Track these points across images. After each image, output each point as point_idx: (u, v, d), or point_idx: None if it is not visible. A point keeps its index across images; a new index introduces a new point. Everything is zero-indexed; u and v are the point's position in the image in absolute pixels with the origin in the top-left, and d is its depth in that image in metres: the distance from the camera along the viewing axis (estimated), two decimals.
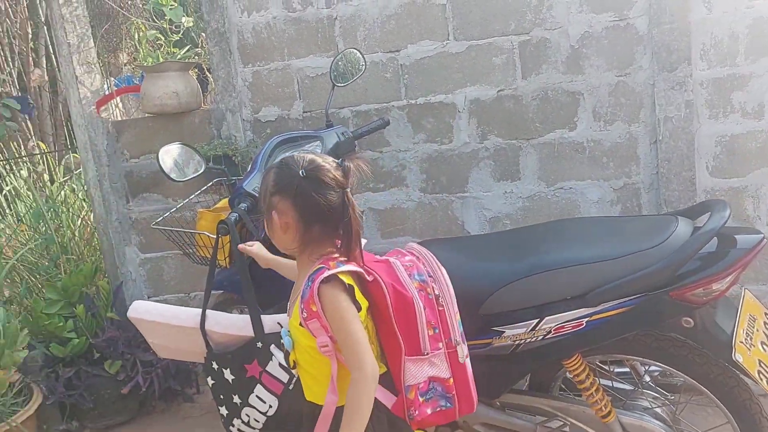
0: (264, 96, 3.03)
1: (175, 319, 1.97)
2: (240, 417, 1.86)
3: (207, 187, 2.76)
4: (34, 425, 2.65)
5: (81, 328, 2.80)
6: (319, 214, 1.45)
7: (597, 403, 1.84)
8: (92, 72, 3.15)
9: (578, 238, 1.92)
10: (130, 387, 2.82)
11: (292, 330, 1.51)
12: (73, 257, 3.16)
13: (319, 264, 1.45)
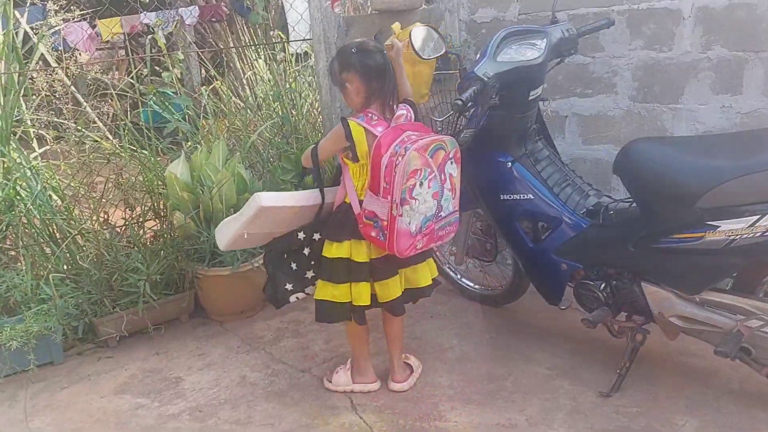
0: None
1: (298, 202, 2.27)
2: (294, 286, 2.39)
3: None
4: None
5: None
6: (373, 72, 2.13)
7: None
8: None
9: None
10: None
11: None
12: (301, 137, 3.61)
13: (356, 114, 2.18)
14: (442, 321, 2.93)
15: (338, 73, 2.18)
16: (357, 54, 2.14)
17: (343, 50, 2.22)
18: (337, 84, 2.22)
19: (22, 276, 2.84)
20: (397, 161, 2.01)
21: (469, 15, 3.18)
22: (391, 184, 2.03)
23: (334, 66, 2.20)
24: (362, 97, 2.16)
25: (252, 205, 2.18)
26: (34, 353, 2.63)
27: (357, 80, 2.14)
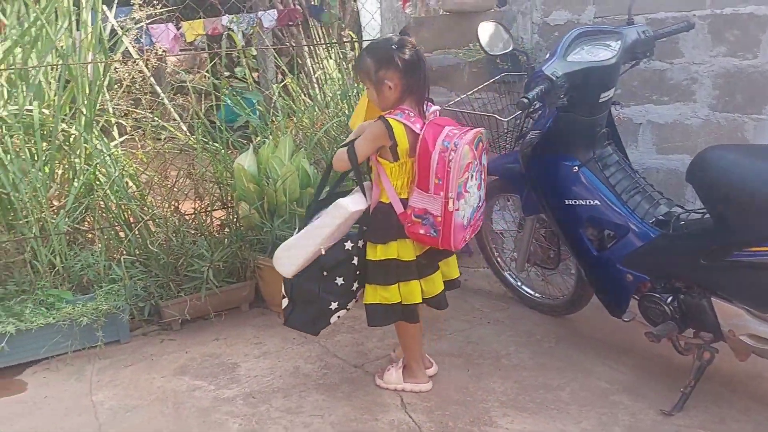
0: (556, 0, 3.07)
1: (358, 205, 2.21)
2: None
3: (490, 82, 2.96)
4: None
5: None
6: (410, 67, 2.09)
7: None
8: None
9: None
10: None
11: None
12: None
13: (394, 110, 2.13)
14: (500, 327, 2.88)
15: (375, 70, 2.11)
16: (396, 50, 2.09)
17: (379, 46, 2.17)
18: (370, 81, 2.13)
19: (96, 257, 2.98)
20: (450, 156, 2.02)
21: (542, 17, 3.13)
22: (444, 179, 2.04)
23: (367, 63, 2.12)
24: (398, 94, 2.12)
25: (339, 213, 2.12)
26: (102, 331, 2.75)
27: (396, 77, 2.09)
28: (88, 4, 3.27)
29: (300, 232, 2.20)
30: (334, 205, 2.16)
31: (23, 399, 2.47)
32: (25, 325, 2.62)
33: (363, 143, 2.14)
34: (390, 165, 2.15)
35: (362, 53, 2.20)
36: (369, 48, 2.21)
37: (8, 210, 3.00)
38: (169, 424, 2.25)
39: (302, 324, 2.28)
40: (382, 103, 2.16)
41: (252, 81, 3.59)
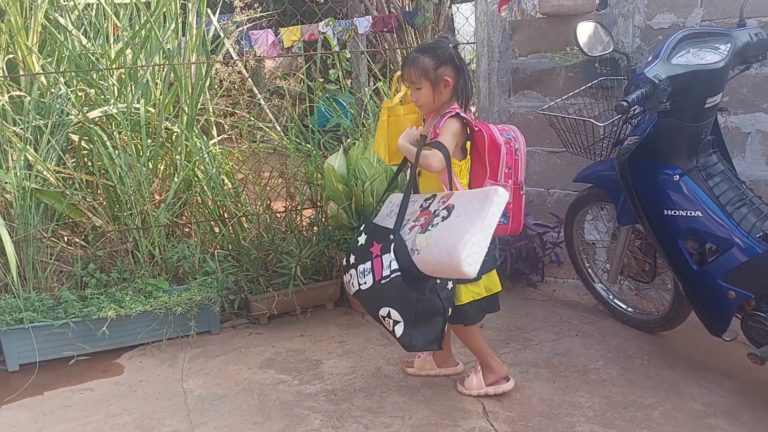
0: (660, 2, 2.94)
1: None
2: (348, 272, 2.27)
3: (588, 87, 2.87)
4: None
5: None
6: (463, 67, 2.17)
7: None
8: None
9: None
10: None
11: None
12: None
13: (448, 109, 2.16)
14: (588, 340, 2.78)
15: (434, 68, 2.14)
16: (454, 49, 2.17)
17: (437, 45, 2.19)
18: (427, 79, 2.14)
19: (192, 249, 3.11)
20: (516, 146, 2.18)
21: (645, 21, 3.00)
22: (514, 167, 2.18)
23: (426, 61, 2.14)
24: (450, 93, 2.17)
25: (501, 201, 1.95)
26: (195, 321, 2.87)
27: (452, 74, 2.15)
28: (193, 8, 3.43)
29: (476, 225, 1.93)
30: (495, 192, 1.95)
31: (120, 381, 2.61)
32: (125, 312, 2.77)
33: (450, 143, 2.11)
34: (459, 163, 2.18)
35: (415, 54, 2.19)
36: (423, 48, 2.22)
37: (114, 202, 3.19)
38: (253, 415, 2.31)
39: (428, 342, 2.13)
40: (436, 102, 2.18)
41: (345, 84, 3.64)
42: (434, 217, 2.06)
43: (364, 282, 2.17)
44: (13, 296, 2.75)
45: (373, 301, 2.17)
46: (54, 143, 3.02)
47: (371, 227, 2.25)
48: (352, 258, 2.26)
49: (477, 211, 1.95)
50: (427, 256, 2.01)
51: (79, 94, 3.29)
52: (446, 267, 1.97)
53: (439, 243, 1.98)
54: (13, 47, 3.10)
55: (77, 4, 3.38)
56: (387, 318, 2.13)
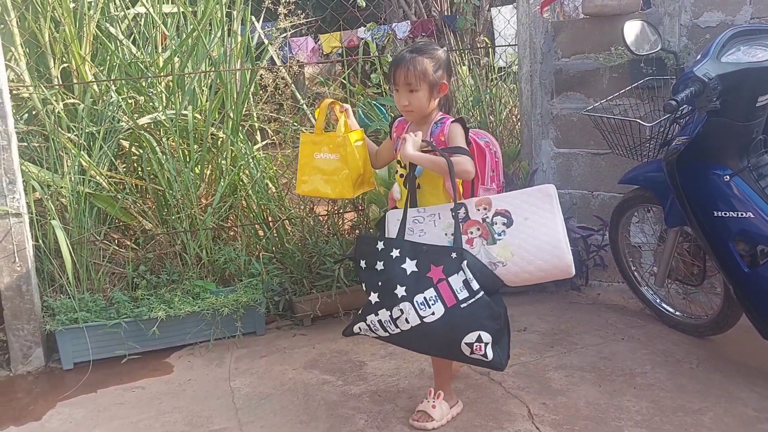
0: (708, 0, 2.89)
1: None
2: (391, 310, 1.98)
3: (633, 87, 2.83)
4: None
5: None
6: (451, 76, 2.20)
7: None
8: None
9: None
10: None
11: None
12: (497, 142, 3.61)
13: (440, 116, 2.11)
14: (635, 344, 2.74)
15: (433, 70, 2.04)
16: (447, 54, 2.11)
17: (433, 48, 2.10)
18: (426, 81, 2.03)
19: (237, 252, 3.17)
20: (494, 149, 2.16)
21: (692, 19, 2.95)
22: (496, 170, 2.16)
23: (425, 63, 2.03)
24: (439, 99, 2.10)
25: (555, 192, 1.98)
26: (241, 322, 2.93)
27: (446, 81, 2.09)
28: (238, 16, 3.51)
29: (559, 223, 1.95)
30: (550, 188, 1.98)
31: (170, 380, 2.68)
32: (174, 312, 2.84)
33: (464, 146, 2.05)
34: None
35: (411, 54, 2.06)
36: (419, 49, 2.09)
37: (163, 206, 3.28)
38: (299, 414, 2.35)
39: (508, 356, 2.06)
40: (429, 107, 2.09)
41: (386, 88, 3.67)
42: (491, 225, 1.98)
43: (431, 313, 1.94)
44: (68, 297, 2.85)
45: (453, 330, 1.94)
46: (106, 149, 3.12)
47: (414, 249, 2.01)
48: (399, 290, 1.97)
49: (547, 210, 1.96)
50: (522, 265, 1.93)
51: (129, 101, 3.39)
52: (552, 270, 1.95)
53: (530, 249, 1.93)
54: (68, 56, 3.22)
55: (127, 14, 3.49)
56: (477, 343, 1.93)
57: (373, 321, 2.05)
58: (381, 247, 2.05)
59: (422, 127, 2.11)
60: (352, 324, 2.15)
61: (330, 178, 2.19)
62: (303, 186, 2.27)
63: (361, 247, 2.12)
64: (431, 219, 2.03)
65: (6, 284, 2.73)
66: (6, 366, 2.80)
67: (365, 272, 2.08)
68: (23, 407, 2.51)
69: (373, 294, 2.04)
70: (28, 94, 3.00)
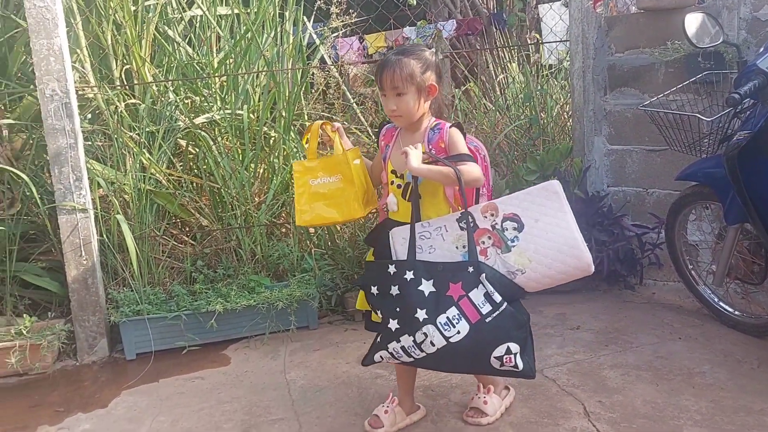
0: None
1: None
2: (414, 335, 1.87)
3: (691, 82, 2.78)
4: None
5: None
6: (442, 78, 2.06)
7: None
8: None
9: None
10: None
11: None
12: (548, 139, 3.59)
13: (435, 122, 2.03)
14: (692, 344, 2.69)
15: (420, 72, 1.95)
16: (436, 56, 2.02)
17: (420, 50, 2.00)
18: (413, 84, 1.94)
19: (290, 248, 3.23)
20: (483, 153, 2.11)
21: (752, 12, 2.88)
22: (486, 175, 2.10)
23: (411, 64, 1.94)
24: (429, 103, 2.01)
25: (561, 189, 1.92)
26: (294, 316, 2.98)
27: (435, 84, 1.99)
28: (291, 16, 3.57)
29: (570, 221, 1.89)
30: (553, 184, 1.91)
31: (227, 371, 2.75)
32: (231, 306, 2.91)
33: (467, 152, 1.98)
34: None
35: (396, 56, 1.97)
36: (404, 51, 2.00)
37: (218, 203, 3.36)
38: (354, 407, 2.38)
39: (533, 360, 1.98)
40: (419, 111, 1.99)
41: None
42: (502, 232, 1.90)
43: (456, 332, 1.86)
44: (131, 290, 2.95)
45: (481, 346, 1.87)
46: (165, 148, 3.22)
47: (429, 269, 1.91)
48: (420, 314, 1.87)
49: (556, 209, 1.89)
50: (541, 270, 1.88)
51: (186, 101, 3.49)
52: (572, 271, 1.89)
53: (547, 253, 1.87)
54: (129, 58, 3.33)
55: (184, 16, 3.59)
56: (506, 355, 1.87)
57: (395, 348, 1.94)
58: (393, 270, 1.93)
59: (414, 134, 2.03)
60: (372, 352, 2.03)
61: (334, 202, 2.10)
62: (304, 216, 2.15)
63: (370, 274, 2.02)
64: (438, 233, 1.93)
65: (73, 277, 2.85)
66: (73, 356, 2.92)
67: (378, 299, 1.97)
68: (90, 395, 2.61)
69: (392, 321, 1.92)
70: (93, 94, 3.12)
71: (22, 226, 3.03)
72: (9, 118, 3.13)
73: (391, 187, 2.06)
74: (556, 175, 3.26)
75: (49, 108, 2.76)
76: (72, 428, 2.37)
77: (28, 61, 3.29)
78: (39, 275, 3.06)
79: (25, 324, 2.80)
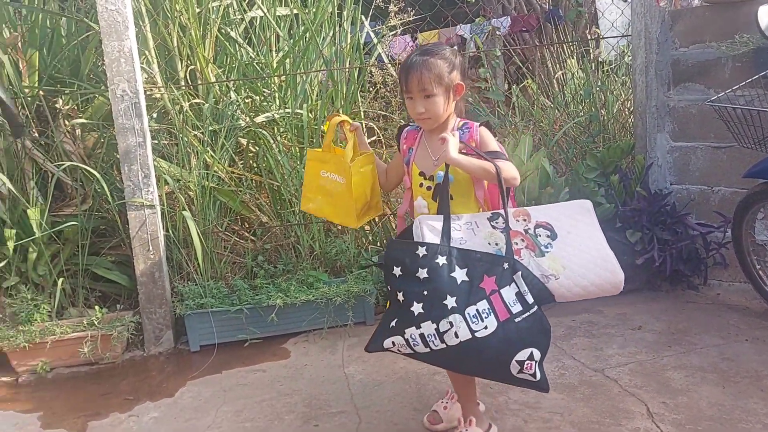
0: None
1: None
2: (438, 322, 1.74)
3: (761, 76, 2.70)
4: None
5: (612, 195, 3.17)
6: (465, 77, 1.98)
7: None
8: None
9: None
10: (644, 259, 3.08)
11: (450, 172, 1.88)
12: (608, 136, 3.53)
13: (462, 121, 1.98)
14: (761, 346, 2.61)
15: (448, 72, 1.89)
16: (458, 54, 1.96)
17: (443, 48, 1.95)
18: (441, 85, 1.88)
19: (347, 245, 3.27)
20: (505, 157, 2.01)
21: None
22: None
23: (439, 65, 1.88)
24: (453, 104, 1.94)
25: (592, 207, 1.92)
26: (352, 311, 3.03)
27: (460, 84, 1.93)
28: (349, 16, 3.61)
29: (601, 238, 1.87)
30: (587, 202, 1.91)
31: (287, 365, 2.81)
32: (290, 300, 2.97)
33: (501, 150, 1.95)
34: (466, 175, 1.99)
35: (422, 57, 1.90)
36: (428, 51, 1.93)
37: (278, 200, 3.43)
38: (413, 402, 2.40)
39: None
40: (446, 112, 1.94)
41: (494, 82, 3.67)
42: (535, 237, 1.84)
43: (483, 327, 1.74)
44: (195, 284, 3.04)
45: (506, 346, 1.76)
46: (228, 146, 3.30)
47: (465, 257, 1.80)
48: (450, 301, 1.75)
49: (588, 224, 1.87)
50: (575, 279, 1.80)
51: (246, 101, 3.57)
52: (604, 285, 1.82)
53: (581, 263, 1.81)
54: (193, 59, 3.43)
55: (245, 17, 3.68)
56: (528, 361, 1.77)
57: (413, 335, 1.77)
58: (423, 252, 1.79)
59: (434, 137, 1.95)
60: (382, 337, 1.86)
61: (334, 201, 2.09)
62: (308, 204, 2.18)
63: (393, 254, 1.85)
64: (469, 227, 1.85)
65: (141, 271, 2.96)
66: (140, 346, 3.04)
67: (401, 280, 1.81)
68: (157, 384, 2.71)
69: (417, 304, 1.77)
70: (160, 94, 3.22)
71: (94, 222, 3.17)
72: (82, 117, 3.27)
73: (420, 190, 1.98)
74: (617, 173, 3.21)
75: (119, 108, 2.88)
76: (141, 416, 2.47)
77: (98, 63, 3.44)
78: (109, 269, 3.19)
79: (97, 315, 2.92)
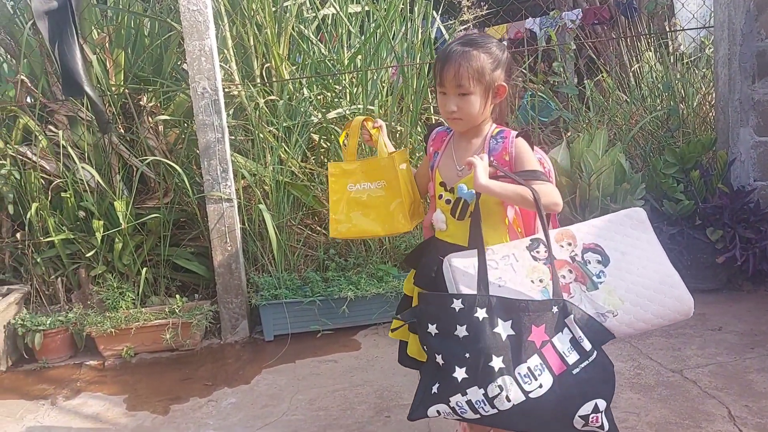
0: None
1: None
2: (486, 387, 1.47)
3: None
4: None
5: (692, 192, 3.07)
6: (511, 78, 1.73)
7: None
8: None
9: None
10: (725, 258, 2.98)
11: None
12: (687, 131, 3.41)
13: (498, 129, 1.70)
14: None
15: (491, 69, 1.63)
16: (508, 54, 1.69)
17: (490, 41, 1.67)
18: (480, 83, 1.62)
19: (416, 240, 3.29)
20: (548, 167, 1.77)
21: None
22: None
23: (481, 59, 1.62)
24: (492, 107, 1.68)
25: (647, 217, 1.69)
26: None
27: (503, 86, 1.66)
28: (420, 12, 3.63)
29: (662, 255, 1.65)
30: (640, 211, 1.69)
31: (358, 356, 2.86)
32: (361, 293, 3.02)
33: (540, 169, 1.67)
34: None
35: (463, 48, 1.63)
36: (471, 41, 1.65)
37: None
38: None
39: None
40: (482, 115, 1.67)
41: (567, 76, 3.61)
42: (584, 265, 1.61)
43: (537, 386, 1.48)
44: (269, 275, 3.13)
45: (566, 403, 1.50)
46: (300, 142, 3.38)
47: (507, 306, 1.52)
48: (496, 362, 1.48)
49: (645, 240, 1.64)
50: (636, 313, 1.58)
51: (319, 97, 3.64)
52: (671, 314, 1.60)
53: (643, 292, 1.59)
54: (268, 57, 3.52)
55: (318, 15, 3.74)
56: (594, 414, 1.50)
57: (459, 402, 1.51)
58: (459, 306, 1.52)
59: (470, 142, 1.71)
60: (424, 404, 1.57)
61: (375, 212, 1.81)
62: (339, 227, 1.85)
63: (426, 308, 1.57)
64: (506, 262, 1.58)
65: (218, 262, 3.07)
66: (217, 335, 3.15)
67: (438, 340, 1.55)
68: (234, 371, 2.81)
69: (459, 369, 1.50)
70: (237, 92, 3.33)
71: (175, 214, 3.30)
72: (164, 114, 3.41)
73: (439, 202, 1.73)
74: (697, 169, 3.10)
75: (200, 105, 2.99)
76: (219, 401, 2.57)
77: (179, 62, 3.57)
78: (189, 259, 3.32)
79: (177, 304, 3.06)
